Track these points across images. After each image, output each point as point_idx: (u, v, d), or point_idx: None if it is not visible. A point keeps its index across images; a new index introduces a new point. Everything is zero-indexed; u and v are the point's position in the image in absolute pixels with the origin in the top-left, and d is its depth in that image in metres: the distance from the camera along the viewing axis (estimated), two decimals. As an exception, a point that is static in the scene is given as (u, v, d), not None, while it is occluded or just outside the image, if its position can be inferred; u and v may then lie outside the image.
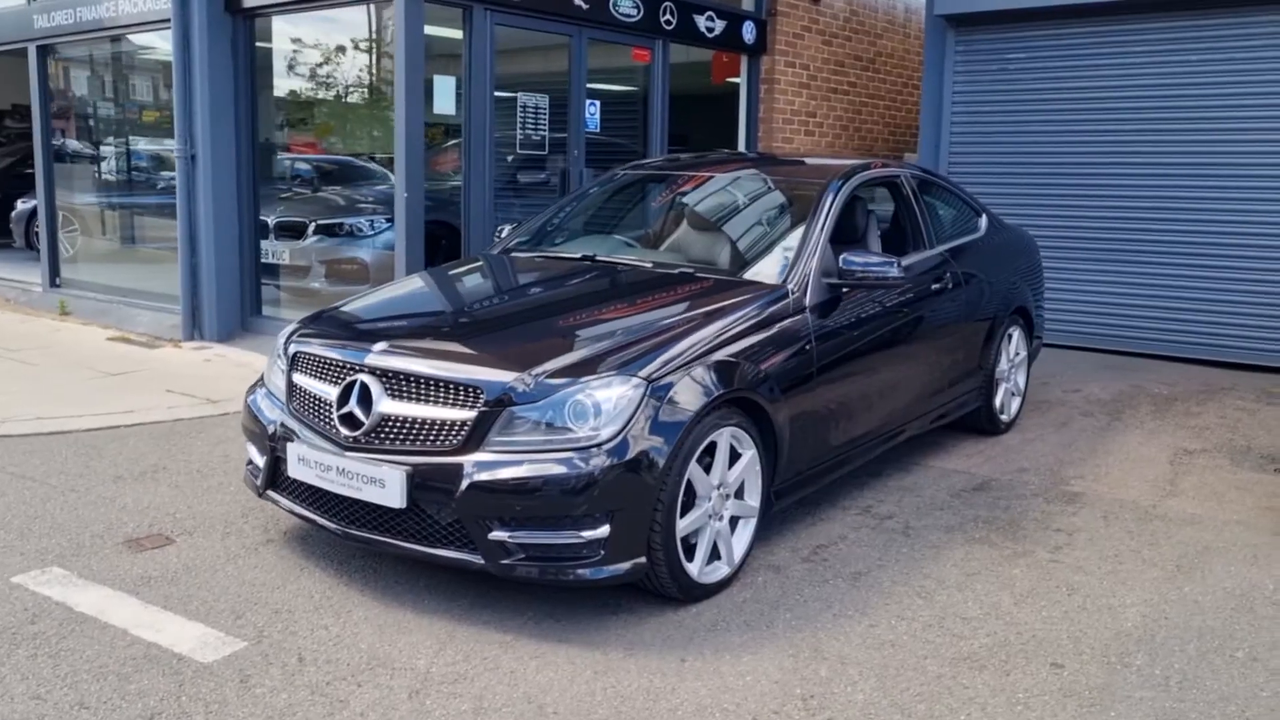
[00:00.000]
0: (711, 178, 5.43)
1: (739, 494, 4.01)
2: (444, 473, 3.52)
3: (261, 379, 4.36)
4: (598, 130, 8.53)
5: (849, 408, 4.61)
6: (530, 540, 3.47)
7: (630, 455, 3.49)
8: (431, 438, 3.59)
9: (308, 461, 3.79)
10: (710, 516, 3.83)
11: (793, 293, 4.34)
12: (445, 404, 3.61)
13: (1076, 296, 8.86)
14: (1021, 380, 6.39)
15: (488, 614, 3.71)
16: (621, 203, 5.56)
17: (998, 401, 6.07)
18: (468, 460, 3.50)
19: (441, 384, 3.63)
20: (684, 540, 3.74)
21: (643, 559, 3.58)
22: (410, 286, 4.92)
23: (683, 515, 3.71)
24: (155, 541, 4.30)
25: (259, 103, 8.42)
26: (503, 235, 5.52)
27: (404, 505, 3.56)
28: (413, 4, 7.01)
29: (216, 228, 8.19)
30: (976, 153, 9.24)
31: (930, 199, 5.90)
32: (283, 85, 8.82)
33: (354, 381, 3.77)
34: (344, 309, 4.52)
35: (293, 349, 4.11)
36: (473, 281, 4.82)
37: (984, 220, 6.17)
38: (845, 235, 5.33)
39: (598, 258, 4.80)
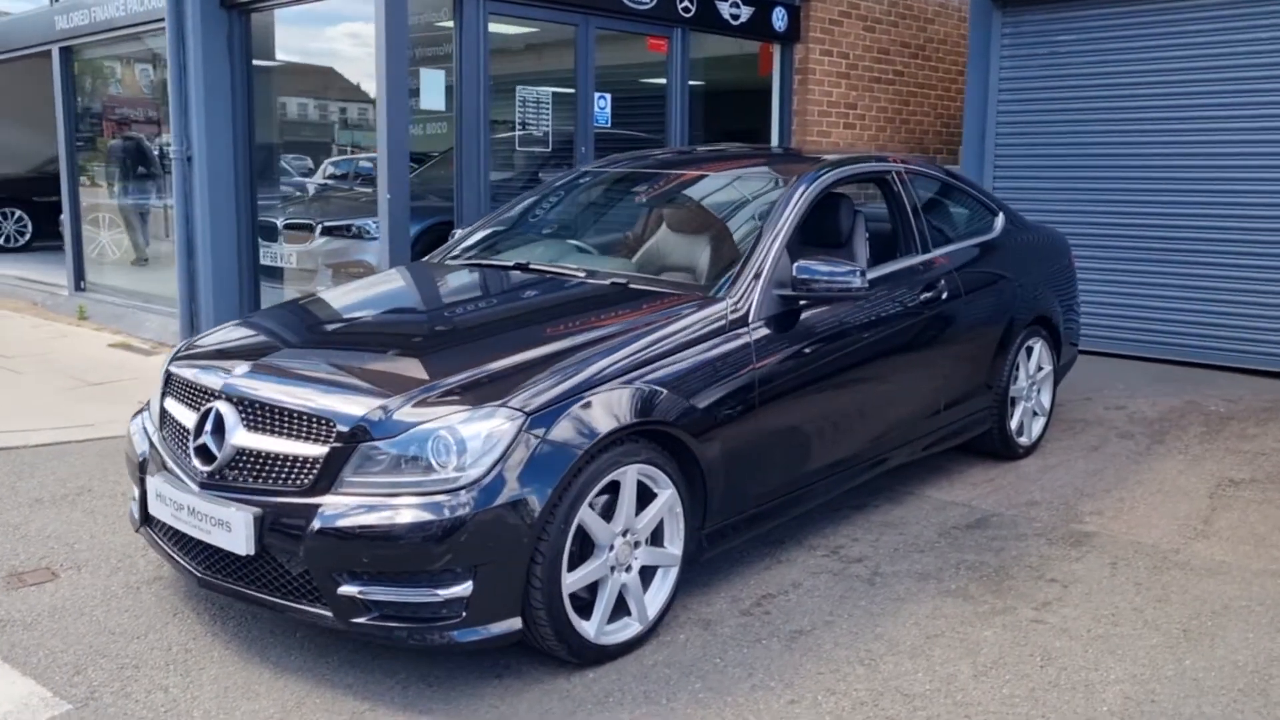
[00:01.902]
0: (678, 176, 4.89)
1: (656, 539, 3.50)
2: (292, 517, 3.08)
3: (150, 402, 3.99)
4: (608, 125, 8.04)
5: (808, 437, 4.05)
6: (383, 597, 3.01)
7: (500, 500, 3.00)
8: (282, 476, 3.15)
9: (164, 498, 3.39)
10: (613, 568, 3.32)
11: (732, 306, 3.79)
12: (297, 437, 3.17)
13: (1133, 300, 8.07)
14: (1046, 398, 5.70)
15: (354, 675, 3.26)
16: (583, 203, 5.05)
17: (1014, 423, 5.41)
18: (317, 503, 3.06)
19: (293, 415, 3.19)
20: (578, 595, 3.24)
21: (517, 621, 3.09)
22: (312, 301, 4.47)
23: (574, 568, 3.21)
24: (38, 576, 3.96)
25: (262, 101, 8.14)
26: (455, 237, 5.07)
27: (252, 552, 3.13)
28: (396, -7, 6.61)
29: (214, 230, 7.92)
30: (1023, 144, 8.50)
31: (932, 197, 5.28)
32: (289, 84, 8.53)
33: (209, 409, 3.35)
34: (239, 324, 4.12)
35: (170, 369, 3.73)
36: (377, 295, 4.35)
37: (1000, 220, 5.51)
38: (827, 239, 4.76)
39: (531, 265, 4.31)
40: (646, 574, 3.47)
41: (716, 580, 3.96)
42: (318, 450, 3.10)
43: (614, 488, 3.29)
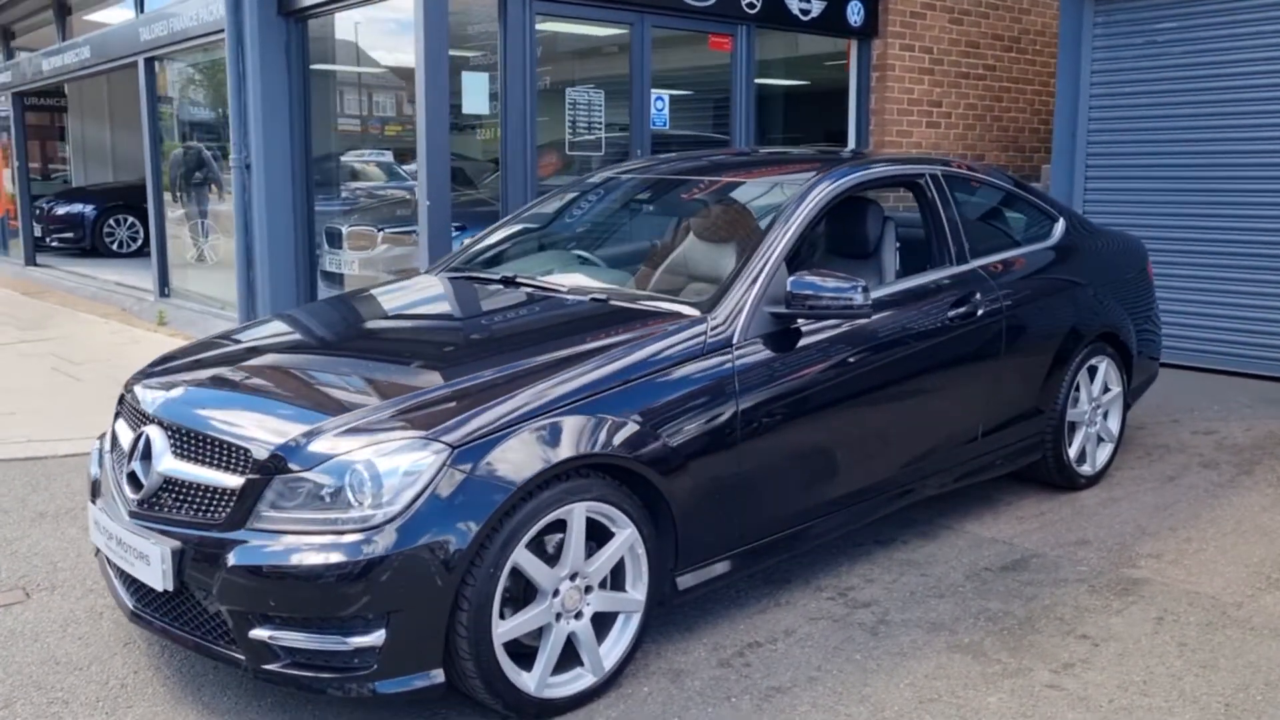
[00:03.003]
0: (688, 183, 4.56)
1: (617, 582, 3.19)
2: (208, 552, 2.88)
3: (119, 420, 3.87)
4: (666, 127, 7.73)
5: (808, 469, 3.68)
6: (293, 643, 2.78)
7: (416, 541, 2.74)
8: (203, 508, 2.96)
9: (100, 526, 3.25)
10: (559, 615, 3.03)
11: (713, 325, 3.45)
12: (218, 466, 2.97)
13: (1239, 311, 7.35)
14: (1115, 423, 5.16)
15: (283, 718, 3.05)
16: (592, 211, 4.76)
17: (1072, 450, 4.89)
18: (232, 538, 2.85)
19: (214, 442, 3.00)
20: (517, 643, 2.96)
21: (439, 673, 2.82)
22: (282, 317, 4.25)
23: (513, 613, 2.93)
24: (11, 597, 3.88)
25: (321, 107, 8.11)
26: (462, 245, 4.85)
27: (171, 587, 2.94)
28: (436, -6, 6.45)
29: (270, 237, 7.93)
30: (1118, 142, 7.85)
31: (978, 202, 4.82)
32: (350, 89, 8.49)
33: (140, 434, 3.19)
34: (214, 340, 3.96)
35: (126, 388, 3.59)
36: (349, 311, 4.11)
37: (1059, 226, 5.00)
38: (854, 249, 4.39)
39: (518, 279, 4.04)
40: (604, 620, 3.17)
41: (701, 624, 3.63)
42: (235, 481, 2.90)
43: (558, 528, 3.00)
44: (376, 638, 2.73)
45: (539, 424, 2.96)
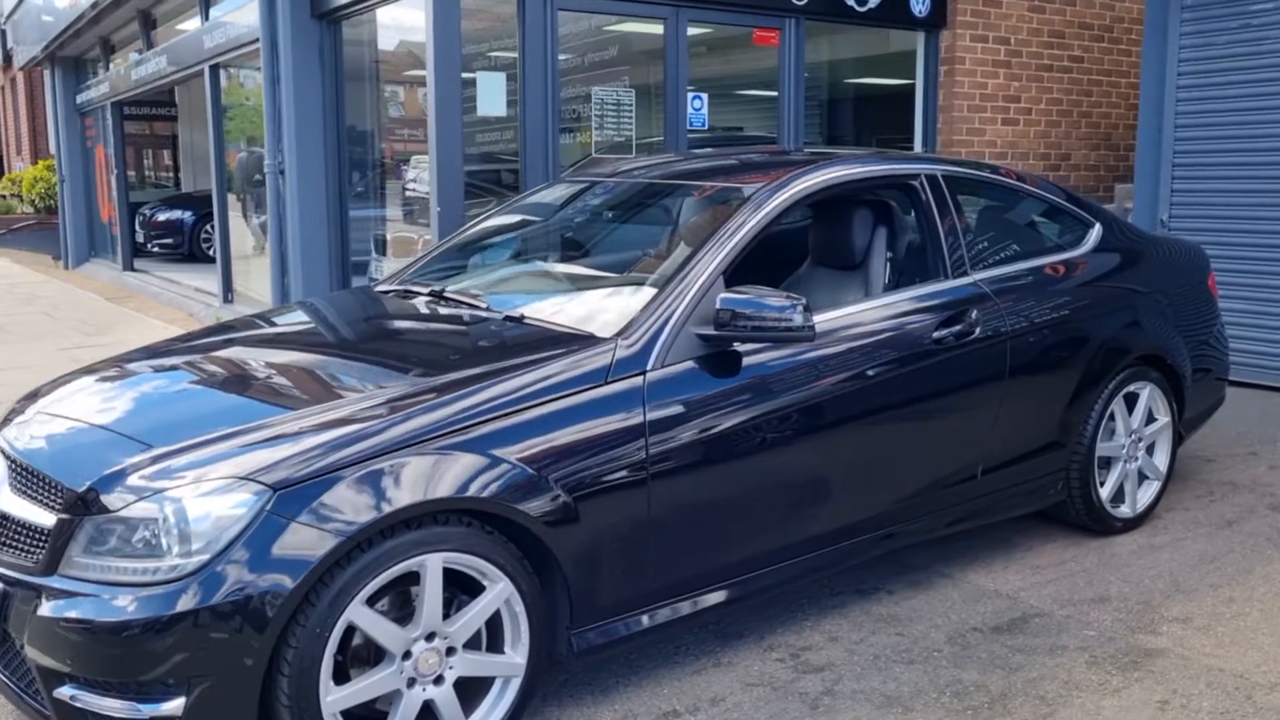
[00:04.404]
0: (638, 185, 4.13)
1: (494, 643, 2.80)
2: (23, 598, 2.61)
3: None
4: (704, 127, 7.29)
5: (744, 513, 3.21)
6: (93, 707, 2.48)
7: (224, 596, 2.41)
8: (24, 548, 2.69)
9: (-51, 561, 3.01)
10: (412, 680, 2.65)
11: (622, 349, 3.02)
12: (40, 503, 2.70)
13: (1345, 329, 6.51)
14: (1162, 459, 4.51)
15: (115, 785, 2.75)
16: (550, 217, 4.35)
17: (1105, 489, 4.28)
18: (41, 584, 2.57)
19: (37, 476, 2.73)
20: (360, 712, 2.60)
21: (252, 747, 2.48)
22: (186, 336, 3.89)
23: (351, 678, 2.58)
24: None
25: (356, 109, 7.94)
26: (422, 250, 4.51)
27: (-9, 633, 2.69)
28: (447, -10, 6.17)
29: (304, 244, 7.79)
30: (1207, 136, 7.04)
31: (995, 206, 4.26)
32: (388, 93, 8.30)
33: (-11, 466, 2.95)
34: (89, 366, 3.65)
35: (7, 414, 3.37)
36: (253, 331, 3.72)
37: (1094, 234, 4.38)
38: (839, 259, 3.91)
39: (446, 293, 3.67)
40: (478, 686, 2.78)
41: (619, 687, 3.20)
42: (49, 520, 2.62)
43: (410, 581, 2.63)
44: (175, 707, 2.41)
45: (383, 464, 2.59)
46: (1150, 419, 4.44)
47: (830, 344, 3.40)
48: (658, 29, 7.09)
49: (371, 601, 2.59)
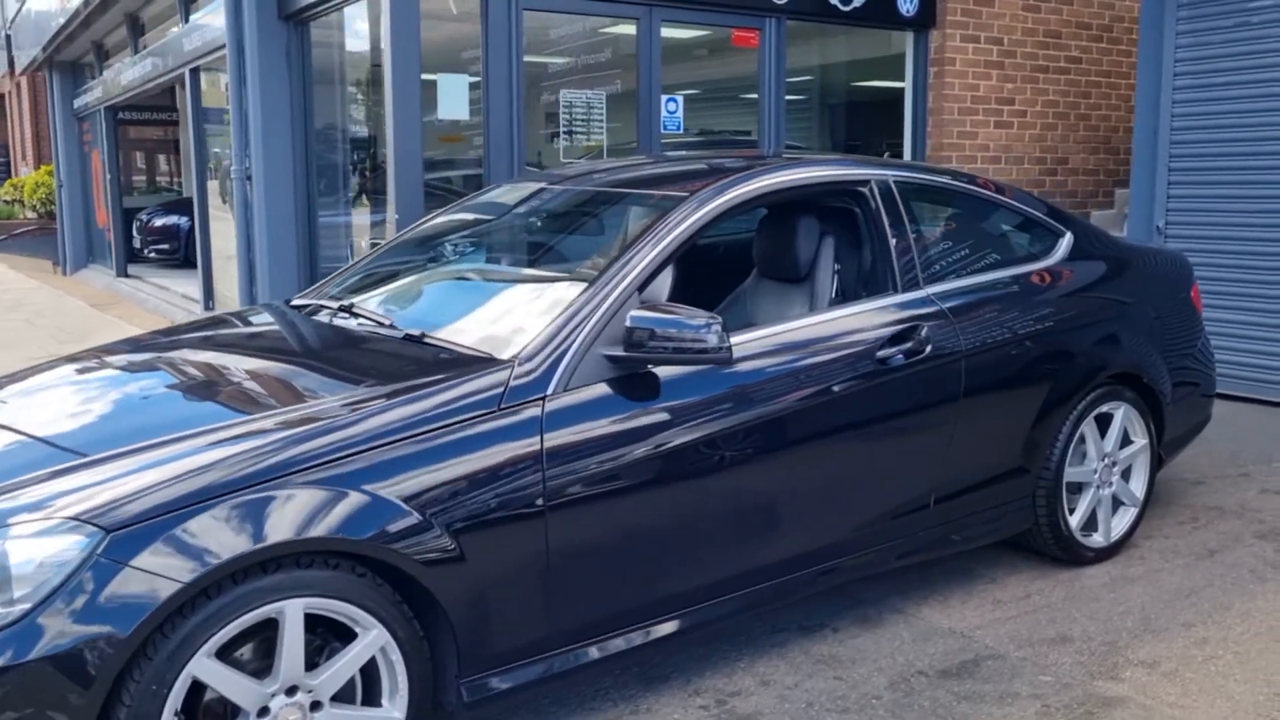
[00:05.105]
0: (577, 193, 3.87)
1: (370, 696, 2.56)
2: None
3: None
4: (679, 130, 7.04)
5: (660, 550, 2.96)
6: (-93, 772, 2.25)
7: (46, 649, 2.17)
8: None
9: None
10: (271, 738, 2.41)
11: (518, 374, 2.77)
12: None
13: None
14: (1139, 484, 4.22)
15: None
16: (482, 227, 4.09)
17: (1075, 518, 4.00)
18: None
19: None
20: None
21: (71, 816, 2.24)
22: (89, 352, 3.67)
23: (198, 738, 2.34)
24: None
25: (327, 115, 7.73)
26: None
27: None
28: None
29: (272, 251, 7.58)
30: (1205, 141, 6.74)
31: (948, 213, 4.00)
32: (359, 96, 8.08)
33: None
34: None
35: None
36: (128, 356, 3.45)
37: (1064, 243, 4.11)
38: (783, 272, 3.67)
39: (355, 308, 3.42)
40: (351, 741, 2.54)
41: (524, 736, 2.95)
42: None
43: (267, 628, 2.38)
44: (-10, 771, 2.18)
45: (235, 502, 2.35)
46: (1126, 441, 4.16)
47: (760, 364, 3.15)
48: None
49: (226, 652, 2.36)
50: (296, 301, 3.78)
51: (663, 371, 2.95)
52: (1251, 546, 4.27)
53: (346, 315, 3.39)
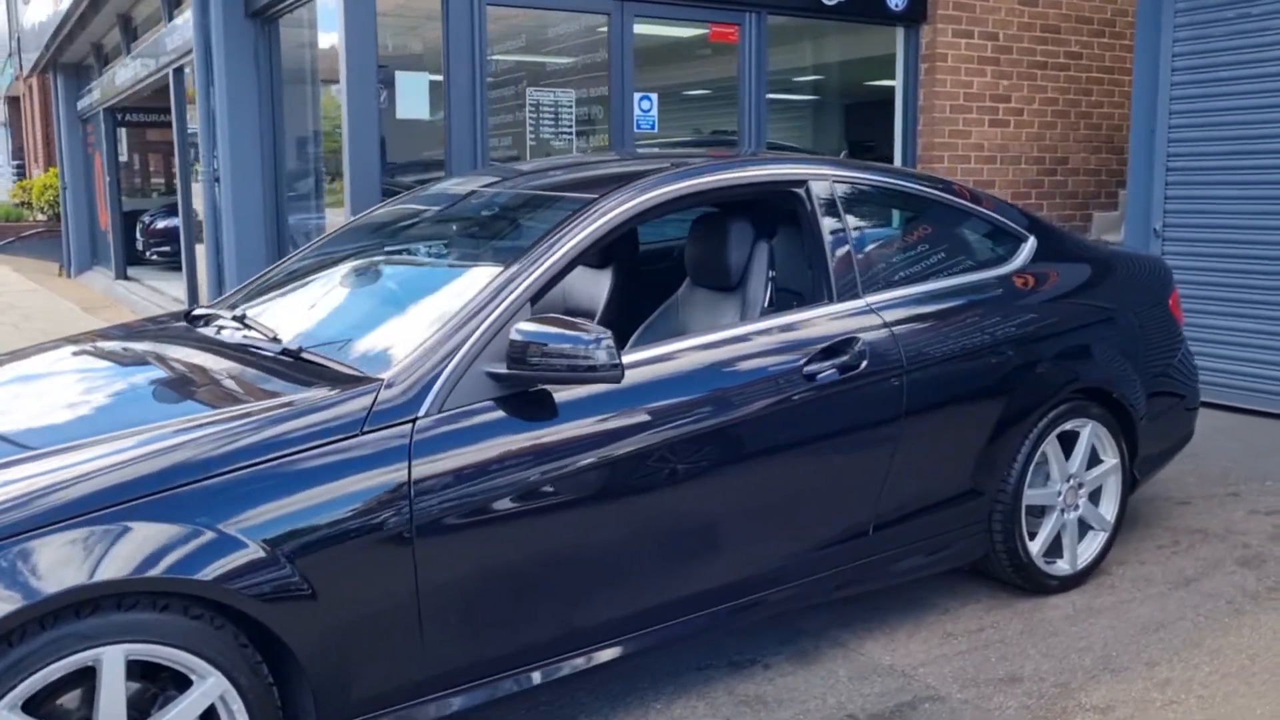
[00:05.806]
0: (509, 195, 3.63)
1: (212, 748, 2.32)
2: None
3: None
4: (653, 129, 6.79)
5: (548, 585, 2.71)
6: None
7: None
8: None
9: None
10: (85, 800, 2.18)
11: (385, 393, 2.53)
12: None
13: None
14: (1109, 507, 3.93)
15: None
16: (395, 232, 3.84)
17: (1037, 544, 3.72)
18: None
19: None
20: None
21: None
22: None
23: (2, 800, 2.11)
24: None
25: (298, 116, 7.53)
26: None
27: None
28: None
29: (239, 255, 7.39)
30: (1204, 139, 6.42)
31: (891, 213, 3.73)
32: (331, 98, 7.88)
33: None
34: None
35: None
36: (35, 370, 3.26)
37: (1026, 248, 3.82)
38: (714, 280, 3.42)
39: (246, 318, 3.19)
40: (189, 800, 2.30)
41: (405, 787, 2.70)
42: None
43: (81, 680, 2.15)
44: None
45: (38, 539, 2.12)
46: (1095, 461, 3.87)
47: (672, 380, 2.89)
48: (651, 29, 6.63)
49: (41, 702, 2.13)
50: (198, 311, 3.55)
51: (563, 390, 2.71)
52: (1232, 574, 3.97)
53: (238, 326, 3.16)
